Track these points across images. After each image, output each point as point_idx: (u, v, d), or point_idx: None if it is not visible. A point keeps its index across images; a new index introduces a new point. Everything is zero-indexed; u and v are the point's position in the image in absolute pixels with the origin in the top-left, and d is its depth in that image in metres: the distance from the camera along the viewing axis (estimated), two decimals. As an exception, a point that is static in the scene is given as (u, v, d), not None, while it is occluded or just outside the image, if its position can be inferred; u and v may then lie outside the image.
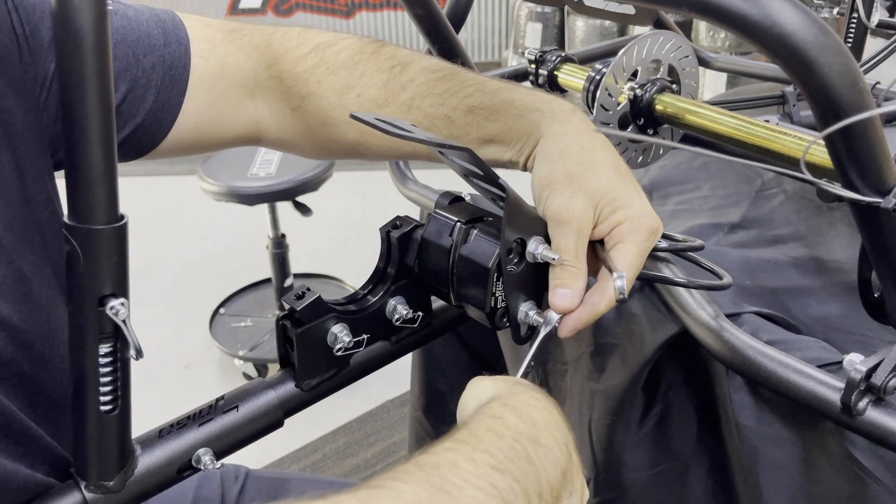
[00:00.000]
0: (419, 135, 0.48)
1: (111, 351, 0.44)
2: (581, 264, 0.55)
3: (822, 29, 0.35)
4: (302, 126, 0.71)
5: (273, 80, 0.69)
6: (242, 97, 0.70)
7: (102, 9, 0.37)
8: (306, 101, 0.68)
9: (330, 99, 0.67)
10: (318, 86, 0.67)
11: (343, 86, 0.67)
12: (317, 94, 0.68)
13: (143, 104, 0.64)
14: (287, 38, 0.70)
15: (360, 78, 0.67)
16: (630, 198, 0.56)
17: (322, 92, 0.67)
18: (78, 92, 0.38)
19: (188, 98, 0.66)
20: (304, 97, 0.68)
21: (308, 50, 0.69)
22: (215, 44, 0.68)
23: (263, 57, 0.70)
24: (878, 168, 0.39)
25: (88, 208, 0.40)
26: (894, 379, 0.49)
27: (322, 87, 0.68)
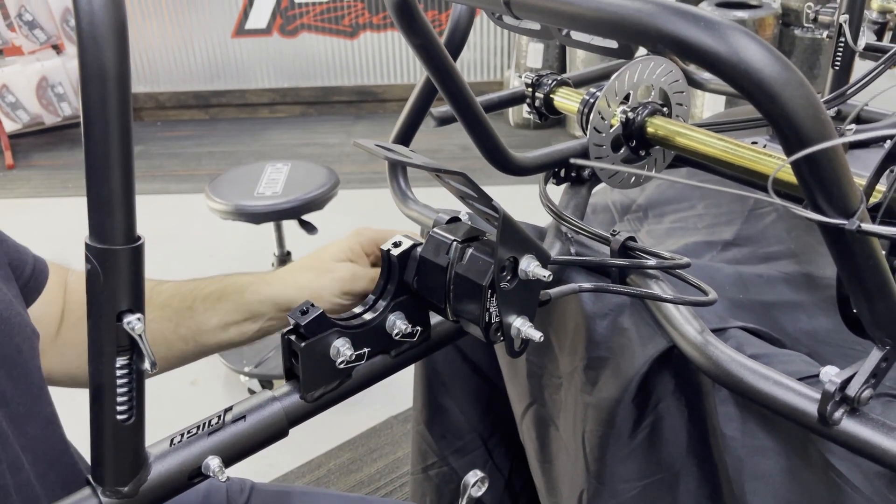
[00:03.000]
0: (417, 160, 0.51)
1: (127, 363, 0.47)
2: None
3: (784, 65, 0.38)
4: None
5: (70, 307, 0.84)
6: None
7: (124, 44, 0.41)
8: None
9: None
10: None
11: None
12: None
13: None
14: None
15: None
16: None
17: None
18: (100, 122, 0.41)
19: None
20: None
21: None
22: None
23: (63, 289, 0.84)
24: (842, 192, 0.42)
25: (108, 230, 0.43)
26: (868, 390, 0.51)
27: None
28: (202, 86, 4.58)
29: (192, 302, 0.82)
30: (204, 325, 0.81)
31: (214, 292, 0.82)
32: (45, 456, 0.69)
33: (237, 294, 0.81)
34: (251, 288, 0.81)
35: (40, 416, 0.70)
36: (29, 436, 0.67)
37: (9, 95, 4.07)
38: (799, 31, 3.43)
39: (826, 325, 0.78)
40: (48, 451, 0.70)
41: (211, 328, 0.81)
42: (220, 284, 0.82)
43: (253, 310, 0.80)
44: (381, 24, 4.41)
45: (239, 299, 0.80)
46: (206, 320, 0.81)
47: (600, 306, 0.73)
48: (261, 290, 0.80)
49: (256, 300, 0.80)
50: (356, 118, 4.59)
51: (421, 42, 0.65)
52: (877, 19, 1.12)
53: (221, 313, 0.80)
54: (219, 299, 0.81)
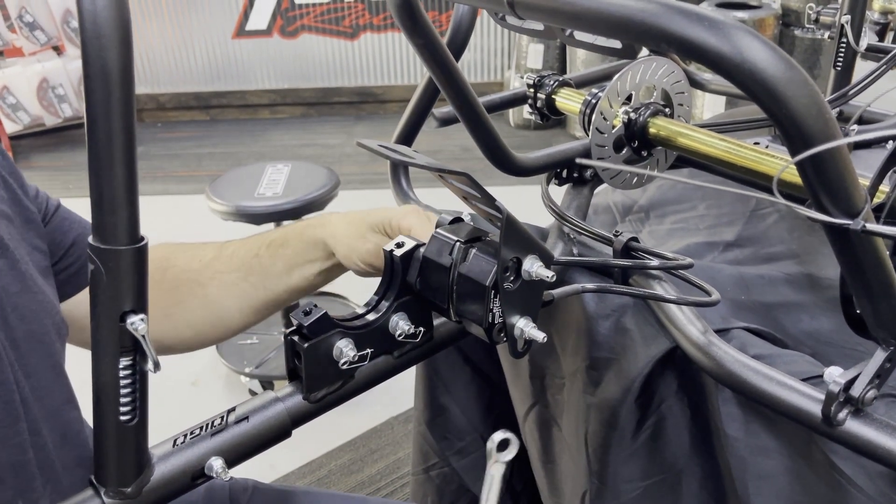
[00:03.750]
0: (420, 161, 0.51)
1: (130, 364, 0.47)
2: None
3: (789, 64, 0.38)
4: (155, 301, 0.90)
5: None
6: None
7: (128, 45, 0.41)
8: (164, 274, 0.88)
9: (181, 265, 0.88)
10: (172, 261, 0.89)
11: (189, 256, 0.89)
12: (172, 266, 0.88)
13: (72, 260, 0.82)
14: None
15: (201, 250, 0.89)
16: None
17: (176, 262, 0.88)
18: (104, 123, 0.41)
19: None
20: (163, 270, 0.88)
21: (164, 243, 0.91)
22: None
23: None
24: (847, 192, 0.41)
25: (111, 230, 0.43)
26: (872, 390, 0.51)
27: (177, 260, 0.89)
28: (203, 87, 4.58)
29: (257, 249, 0.85)
30: (270, 270, 0.84)
31: (277, 238, 0.86)
32: (62, 430, 0.73)
33: (297, 237, 0.85)
34: (308, 231, 0.84)
35: (59, 394, 0.74)
36: (48, 408, 0.71)
37: (9, 97, 4.08)
38: (799, 32, 3.43)
39: (828, 325, 0.78)
40: (66, 428, 0.74)
41: (276, 273, 0.84)
42: (282, 232, 0.87)
43: (310, 252, 0.84)
44: (382, 24, 4.41)
45: (298, 242, 0.84)
46: (272, 265, 0.84)
47: (603, 307, 0.73)
48: (314, 234, 0.84)
49: (312, 242, 0.84)
50: (357, 119, 4.59)
51: (423, 42, 0.65)
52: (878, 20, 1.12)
53: (285, 258, 0.84)
54: (281, 245, 0.85)
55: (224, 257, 0.87)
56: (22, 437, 0.67)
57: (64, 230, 0.82)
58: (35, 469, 0.68)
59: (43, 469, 0.70)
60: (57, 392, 0.74)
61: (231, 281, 0.85)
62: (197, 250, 0.89)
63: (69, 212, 0.84)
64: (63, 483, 0.72)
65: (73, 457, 0.74)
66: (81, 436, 0.76)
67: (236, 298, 0.86)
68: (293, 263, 0.84)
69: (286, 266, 0.84)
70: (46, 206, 0.81)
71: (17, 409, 0.66)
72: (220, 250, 0.88)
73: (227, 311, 0.87)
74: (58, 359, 0.74)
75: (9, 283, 0.69)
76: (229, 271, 0.86)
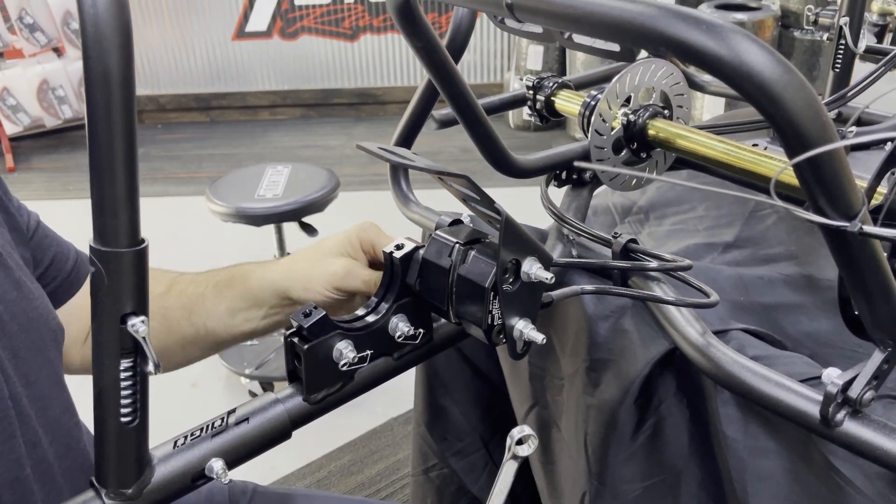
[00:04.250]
0: (420, 163, 0.52)
1: (131, 365, 0.47)
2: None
3: (786, 67, 0.38)
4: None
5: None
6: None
7: (129, 47, 0.41)
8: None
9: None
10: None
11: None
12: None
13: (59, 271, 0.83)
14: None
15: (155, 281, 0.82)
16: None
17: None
18: (104, 124, 0.41)
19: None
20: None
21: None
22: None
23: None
24: (844, 194, 0.42)
25: (112, 233, 0.43)
26: (869, 392, 0.51)
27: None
28: (203, 88, 4.59)
29: (204, 288, 0.84)
30: (213, 311, 0.83)
31: (224, 279, 0.84)
32: (62, 439, 0.73)
33: (242, 280, 0.82)
34: (255, 274, 0.82)
35: (58, 402, 0.74)
36: (48, 417, 0.71)
37: (9, 98, 4.08)
38: (798, 33, 3.43)
39: (827, 326, 0.78)
40: (66, 436, 0.74)
41: (219, 315, 0.82)
42: (230, 272, 0.85)
43: (255, 296, 0.81)
44: (382, 26, 4.41)
45: (243, 285, 0.82)
46: (215, 307, 0.83)
47: (602, 308, 0.73)
48: (262, 277, 0.81)
49: (258, 286, 0.81)
50: (356, 120, 4.59)
51: (423, 45, 0.66)
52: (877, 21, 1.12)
53: (228, 299, 0.82)
54: (227, 286, 0.83)
55: (174, 293, 0.85)
56: (18, 452, 0.66)
57: (44, 247, 0.81)
58: (33, 485, 0.68)
59: (43, 483, 0.69)
60: (56, 401, 0.74)
61: (174, 317, 0.83)
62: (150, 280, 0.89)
63: (47, 228, 0.83)
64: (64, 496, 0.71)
65: (75, 466, 0.74)
66: (81, 444, 0.76)
67: (178, 336, 0.84)
68: (236, 307, 0.82)
69: (229, 309, 0.82)
70: (29, 220, 0.80)
71: (12, 424, 0.66)
72: (171, 284, 0.86)
73: (168, 347, 0.85)
74: (56, 366, 0.74)
75: (6, 291, 0.68)
76: (175, 308, 0.84)
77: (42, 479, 0.69)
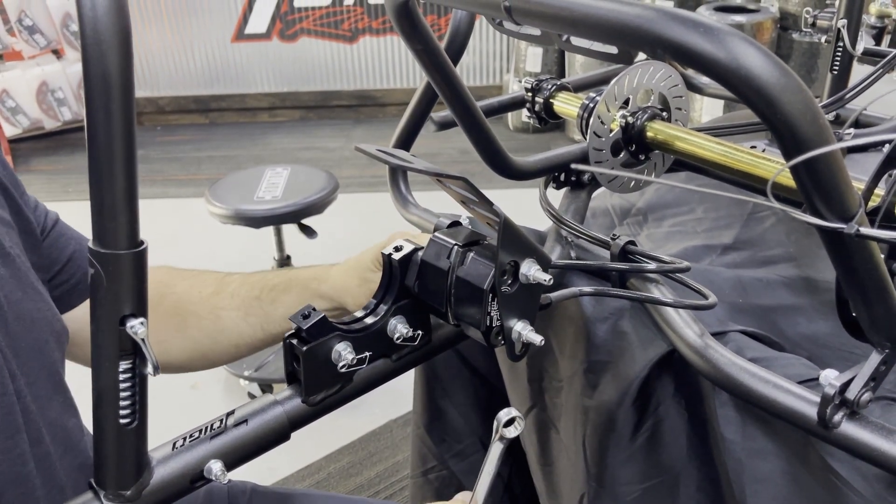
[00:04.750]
0: (419, 165, 0.52)
1: (130, 367, 0.47)
2: None
3: (783, 70, 0.38)
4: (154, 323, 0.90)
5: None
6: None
7: (128, 50, 0.41)
8: (162, 299, 0.89)
9: (180, 293, 0.89)
10: (172, 286, 0.90)
11: (189, 286, 0.90)
12: (171, 292, 0.89)
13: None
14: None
15: (201, 282, 0.90)
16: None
17: (175, 290, 0.90)
18: (104, 127, 0.41)
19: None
20: (161, 295, 0.89)
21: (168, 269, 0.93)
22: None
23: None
24: (841, 196, 0.42)
25: (111, 235, 0.43)
26: (867, 393, 0.52)
27: (176, 286, 0.90)
28: (202, 90, 4.59)
29: (259, 292, 0.87)
30: (271, 314, 0.86)
31: (280, 284, 0.87)
32: (63, 438, 0.74)
33: (301, 288, 0.86)
34: (312, 284, 0.86)
35: (59, 402, 0.74)
36: (49, 418, 0.72)
37: (9, 100, 4.08)
38: (797, 35, 3.43)
39: (825, 328, 0.78)
40: (67, 436, 0.75)
41: (277, 318, 0.86)
42: (286, 277, 0.88)
43: (313, 301, 0.84)
44: (381, 28, 4.41)
45: (303, 293, 0.86)
46: (273, 310, 0.86)
47: (600, 310, 0.73)
48: (318, 289, 0.85)
49: (317, 295, 0.85)
50: (356, 122, 4.60)
51: (421, 47, 0.66)
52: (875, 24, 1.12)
53: (286, 305, 0.86)
54: (284, 291, 0.86)
55: (225, 294, 0.88)
56: (22, 448, 0.67)
57: (61, 246, 0.82)
58: (36, 480, 0.68)
59: (45, 480, 0.70)
60: (57, 401, 0.74)
61: (230, 318, 0.87)
62: (196, 280, 0.91)
63: (67, 227, 0.84)
64: (66, 493, 0.72)
65: (76, 465, 0.75)
66: (81, 444, 0.77)
67: (234, 335, 0.87)
68: (290, 307, 0.85)
69: (287, 312, 0.84)
70: (45, 220, 0.81)
71: (17, 420, 0.66)
72: (220, 285, 0.89)
73: (222, 346, 0.88)
74: (58, 367, 0.75)
75: (11, 291, 0.69)
76: (229, 308, 0.87)
77: (44, 476, 0.70)
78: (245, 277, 0.90)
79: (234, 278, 0.90)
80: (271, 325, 0.86)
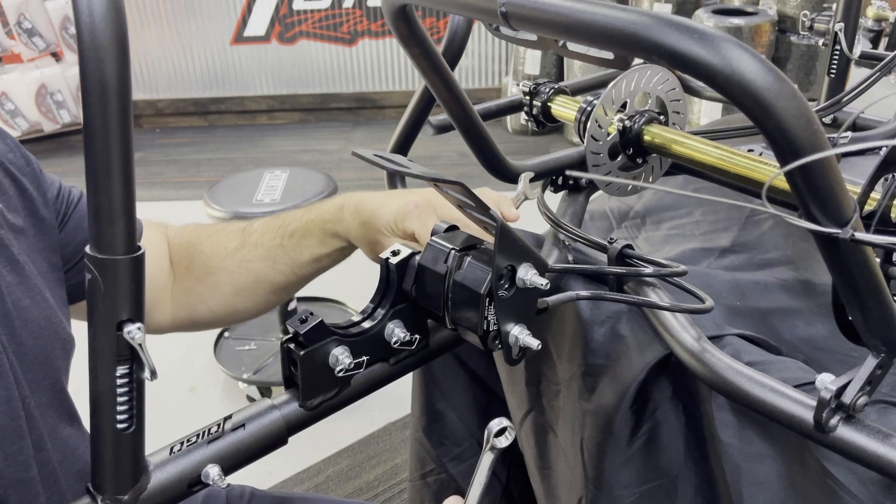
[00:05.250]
0: (415, 170, 0.52)
1: (127, 372, 0.47)
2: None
3: (777, 76, 0.38)
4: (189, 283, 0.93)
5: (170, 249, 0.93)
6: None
7: (125, 58, 0.41)
8: (193, 259, 0.92)
9: (208, 251, 0.92)
10: (200, 245, 0.92)
11: (215, 242, 0.92)
12: (199, 252, 0.92)
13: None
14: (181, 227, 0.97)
15: (226, 236, 0.92)
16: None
17: (203, 248, 0.92)
18: (101, 132, 0.42)
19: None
20: (191, 256, 0.92)
21: (195, 227, 0.97)
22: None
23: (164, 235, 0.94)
24: (836, 201, 0.42)
25: (109, 240, 0.43)
26: (863, 397, 0.52)
27: (203, 245, 0.92)
28: (201, 93, 4.59)
29: (281, 240, 0.89)
30: (297, 259, 0.89)
31: (299, 229, 0.89)
32: (65, 446, 0.74)
33: (319, 231, 0.88)
34: (329, 226, 0.87)
35: (61, 410, 0.75)
36: (50, 425, 0.72)
37: (8, 103, 4.08)
38: (795, 38, 3.44)
39: (823, 331, 0.78)
40: (65, 442, 0.75)
41: (304, 262, 0.89)
42: (303, 221, 0.89)
43: (331, 242, 0.88)
44: (380, 31, 4.42)
45: (321, 235, 0.88)
46: (298, 255, 0.89)
47: (598, 314, 0.73)
48: (335, 228, 0.87)
49: (333, 234, 0.87)
50: (355, 125, 4.60)
51: (419, 51, 0.66)
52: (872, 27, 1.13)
53: (311, 248, 0.88)
54: (305, 235, 0.88)
55: (249, 245, 0.90)
56: (26, 453, 0.67)
57: (84, 226, 0.82)
58: (39, 486, 0.69)
59: (47, 485, 0.70)
60: (55, 406, 0.74)
61: (260, 269, 0.89)
62: (220, 236, 0.92)
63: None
64: (67, 499, 0.72)
65: (75, 472, 0.75)
66: (79, 451, 0.77)
67: (268, 284, 0.90)
68: (318, 254, 0.88)
69: (312, 255, 0.89)
70: (67, 202, 0.82)
71: (22, 425, 0.67)
72: (243, 238, 0.91)
73: (261, 296, 0.91)
74: (61, 375, 0.75)
75: (19, 299, 0.69)
76: (256, 260, 0.89)
77: (46, 482, 0.70)
78: (265, 227, 0.91)
79: (255, 228, 0.92)
80: (301, 268, 0.89)
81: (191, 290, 0.93)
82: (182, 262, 0.93)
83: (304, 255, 0.88)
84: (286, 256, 0.89)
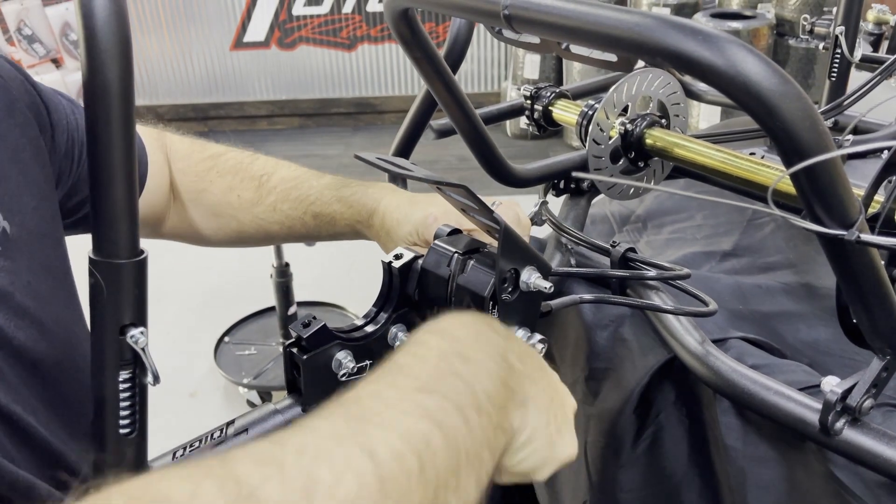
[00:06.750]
0: (418, 173, 0.52)
1: (130, 377, 0.47)
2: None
3: (782, 77, 0.38)
4: (194, 215, 0.90)
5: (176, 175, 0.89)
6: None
7: (128, 61, 0.41)
8: (200, 195, 0.88)
9: (218, 195, 0.88)
10: (210, 184, 0.88)
11: (228, 187, 0.88)
12: (209, 191, 0.88)
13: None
14: (185, 143, 0.90)
15: (240, 182, 0.89)
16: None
17: (213, 189, 0.88)
18: (104, 138, 0.42)
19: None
20: (199, 192, 0.88)
21: (205, 155, 0.90)
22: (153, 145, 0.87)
23: (165, 155, 0.88)
24: (841, 203, 0.42)
25: (111, 244, 0.43)
26: (868, 400, 0.52)
27: (213, 185, 0.88)
28: (201, 98, 4.59)
29: (302, 214, 0.87)
30: (315, 234, 0.88)
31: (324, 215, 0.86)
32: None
33: (346, 224, 0.85)
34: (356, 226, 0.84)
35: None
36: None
37: (7, 109, 4.08)
38: (793, 42, 3.44)
39: (826, 335, 0.78)
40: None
41: (321, 236, 0.89)
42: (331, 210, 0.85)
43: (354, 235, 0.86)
44: (379, 36, 4.42)
45: (345, 226, 0.85)
46: (317, 232, 0.88)
47: (601, 317, 0.73)
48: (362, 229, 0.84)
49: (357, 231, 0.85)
50: (354, 130, 4.60)
51: (420, 55, 0.66)
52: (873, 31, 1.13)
53: (331, 231, 0.87)
54: (329, 223, 0.86)
55: (266, 205, 0.88)
56: None
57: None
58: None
59: None
60: None
61: (274, 230, 0.88)
62: (233, 180, 0.89)
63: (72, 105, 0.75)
64: None
65: None
66: None
67: (281, 239, 0.91)
68: (338, 237, 0.88)
69: (331, 235, 0.88)
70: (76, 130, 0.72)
71: None
72: (259, 193, 0.88)
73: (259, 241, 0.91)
74: None
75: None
76: (273, 223, 0.88)
77: None
78: (284, 192, 0.88)
79: (273, 187, 0.89)
80: (319, 238, 0.89)
81: (189, 223, 0.91)
82: (186, 194, 0.89)
83: (322, 234, 0.88)
84: (304, 229, 0.88)
